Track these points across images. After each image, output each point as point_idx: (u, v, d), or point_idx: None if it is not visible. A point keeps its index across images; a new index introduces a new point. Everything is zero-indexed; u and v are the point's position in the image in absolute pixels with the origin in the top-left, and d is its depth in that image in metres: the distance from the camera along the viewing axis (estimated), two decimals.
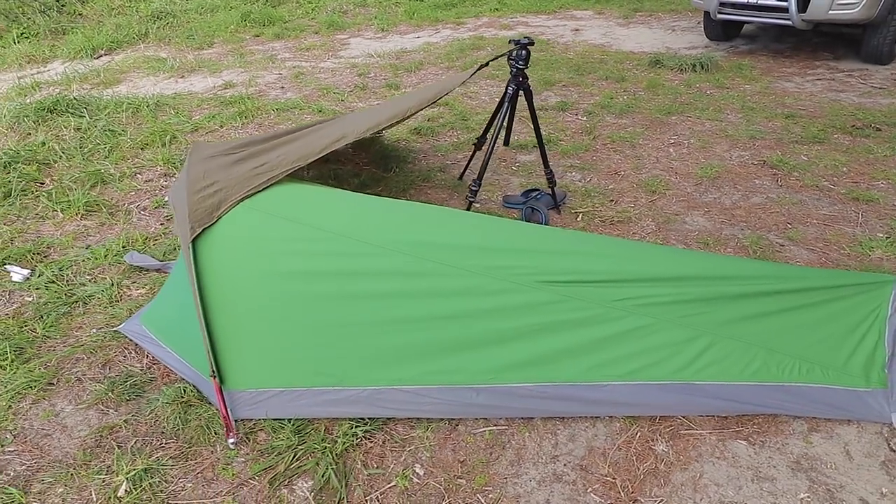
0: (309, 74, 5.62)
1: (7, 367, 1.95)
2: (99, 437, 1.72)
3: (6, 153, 3.44)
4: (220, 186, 1.83)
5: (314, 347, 1.77)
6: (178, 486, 1.59)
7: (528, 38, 2.59)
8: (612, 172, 3.42)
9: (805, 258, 2.53)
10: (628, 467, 1.66)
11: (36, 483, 1.57)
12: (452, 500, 1.57)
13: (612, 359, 1.75)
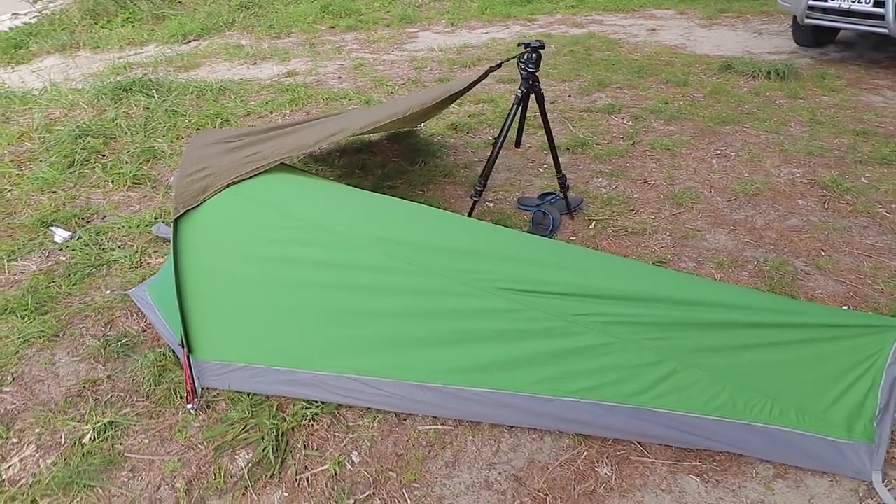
0: (368, 66, 5.77)
1: (26, 316, 2.20)
2: (82, 388, 1.90)
3: (79, 126, 3.82)
4: (210, 172, 1.95)
5: (277, 329, 1.84)
6: (135, 441, 1.73)
7: (539, 40, 2.53)
8: (641, 181, 3.25)
9: (829, 290, 2.29)
10: (564, 486, 1.60)
11: (19, 422, 1.77)
12: (378, 491, 1.60)
13: (565, 374, 1.69)
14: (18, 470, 1.63)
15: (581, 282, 1.74)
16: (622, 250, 2.63)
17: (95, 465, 1.63)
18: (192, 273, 1.86)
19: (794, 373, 1.65)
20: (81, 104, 4.34)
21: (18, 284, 2.40)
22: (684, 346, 1.68)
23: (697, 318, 1.70)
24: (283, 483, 1.61)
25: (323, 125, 2.48)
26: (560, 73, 5.22)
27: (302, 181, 2.10)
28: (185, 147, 2.17)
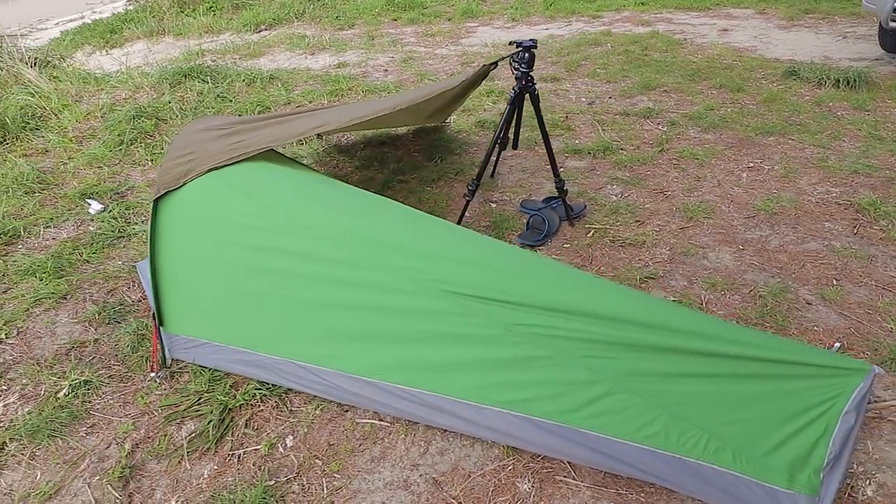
0: (418, 60, 5.84)
1: (44, 278, 2.46)
2: (71, 347, 2.11)
3: (136, 108, 4.17)
4: (194, 156, 2.08)
5: (237, 311, 1.95)
6: (102, 401, 1.90)
7: (533, 40, 2.47)
8: (658, 191, 3.10)
9: (828, 323, 2.10)
10: (481, 496, 1.60)
11: (11, 371, 2.00)
12: (299, 476, 1.66)
13: (498, 383, 1.67)
14: (6, 412, 1.84)
15: (525, 291, 1.71)
16: (613, 262, 2.53)
17: (62, 419, 1.81)
18: (167, 251, 2.00)
19: (738, 409, 1.54)
20: (145, 87, 4.72)
21: (47, 249, 2.68)
22: (622, 367, 1.61)
23: (640, 339, 1.62)
24: (216, 457, 1.72)
25: (309, 118, 2.56)
26: (607, 74, 5.04)
27: (282, 171, 2.19)
28: (179, 132, 2.32)
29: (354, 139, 3.95)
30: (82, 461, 1.70)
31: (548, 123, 3.98)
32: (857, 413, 1.47)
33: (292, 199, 2.00)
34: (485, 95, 4.67)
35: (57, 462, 1.69)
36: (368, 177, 3.41)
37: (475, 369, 1.70)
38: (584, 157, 3.54)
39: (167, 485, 1.64)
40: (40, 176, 3.27)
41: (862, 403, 1.50)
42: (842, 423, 1.48)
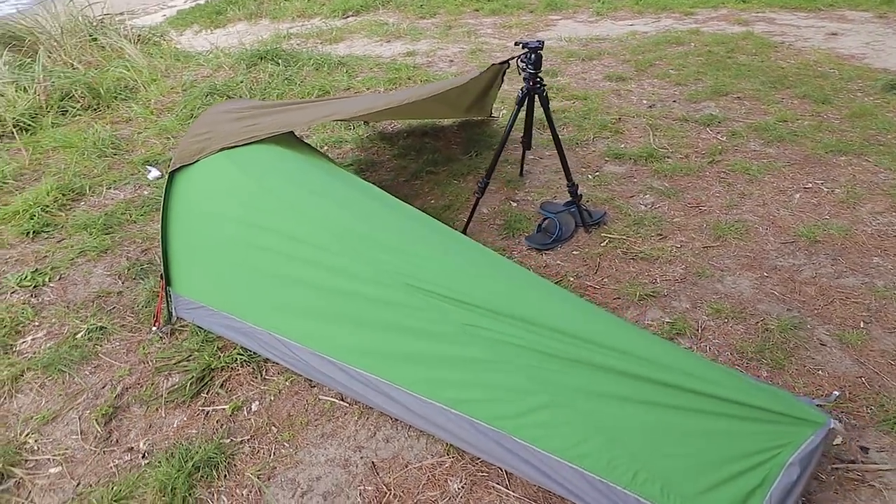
0: (486, 52, 5.82)
1: (93, 233, 2.77)
2: (98, 296, 2.37)
3: (211, 86, 4.52)
4: (211, 136, 2.24)
5: (230, 281, 2.10)
6: (110, 346, 2.13)
7: (540, 41, 2.40)
8: (693, 205, 2.92)
9: (837, 369, 1.89)
10: (411, 487, 1.63)
11: (45, 311, 2.29)
12: (251, 440, 1.78)
13: (443, 380, 1.69)
14: (27, 346, 2.13)
15: (482, 294, 1.70)
16: (619, 274, 2.43)
17: (74, 357, 2.06)
18: (178, 219, 2.19)
19: (676, 442, 1.46)
20: (225, 67, 5.10)
21: (104, 208, 3.02)
22: (564, 382, 1.57)
23: (588, 357, 1.57)
24: (188, 410, 1.88)
25: (327, 105, 2.65)
26: (679, 76, 4.76)
27: (287, 156, 2.29)
28: (203, 112, 2.51)
29: (400, 127, 4.04)
30: (80, 396, 1.93)
31: (597, 125, 3.85)
32: (802, 467, 1.34)
33: (288, 183, 2.11)
34: None
35: (60, 394, 1.94)
36: (402, 165, 3.49)
37: (425, 363, 1.72)
38: (625, 163, 3.39)
39: (141, 427, 1.82)
40: (115, 142, 3.67)
41: (811, 457, 1.36)
42: (783, 475, 1.35)
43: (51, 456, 1.73)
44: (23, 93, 4.12)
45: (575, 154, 3.53)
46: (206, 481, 1.65)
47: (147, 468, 1.68)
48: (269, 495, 1.62)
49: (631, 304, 2.26)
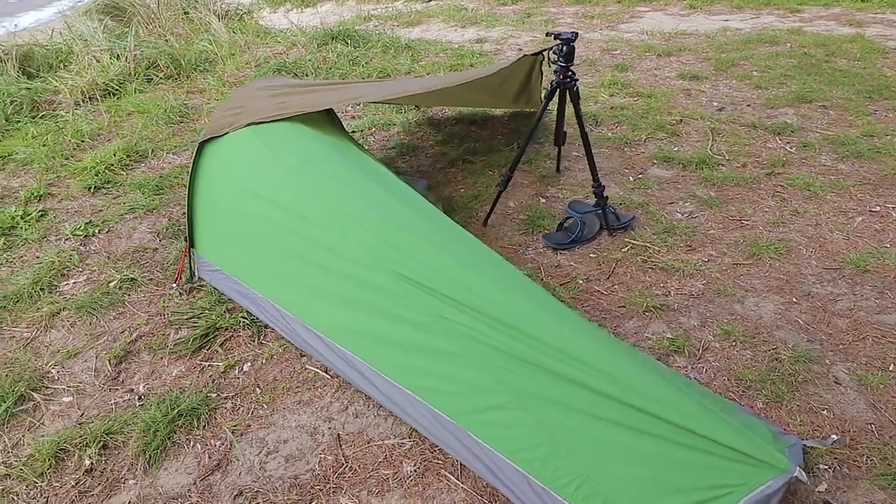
0: None
1: (146, 193, 3.02)
2: (135, 251, 2.60)
3: (280, 63, 4.75)
4: (241, 111, 2.36)
5: (242, 248, 2.22)
6: (136, 297, 2.34)
7: (574, 32, 2.29)
8: (736, 218, 2.71)
9: (846, 411, 1.71)
10: (366, 463, 1.68)
11: (89, 259, 2.54)
12: (234, 397, 1.90)
13: (413, 367, 1.71)
14: (69, 288, 2.38)
15: (461, 289, 1.69)
16: (632, 282, 2.32)
17: (103, 302, 2.29)
18: (203, 186, 2.34)
19: (625, 463, 1.39)
20: (298, 45, 5.32)
21: (160, 171, 3.28)
22: (525, 386, 1.54)
23: (553, 365, 1.52)
24: (188, 363, 2.04)
25: (353, 89, 2.70)
26: (762, 79, 4.39)
27: (310, 136, 2.36)
28: (241, 87, 2.64)
29: (450, 114, 4.05)
30: (101, 337, 2.14)
31: (653, 125, 3.66)
32: None
33: (303, 162, 2.19)
34: (600, 86, 4.40)
35: (86, 334, 2.16)
36: (442, 152, 3.50)
37: (399, 349, 1.75)
38: (673, 167, 3.20)
39: (144, 372, 2.00)
40: (184, 110, 3.96)
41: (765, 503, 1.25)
42: None
43: (66, 387, 1.95)
44: (115, 60, 4.54)
45: (622, 154, 3.38)
46: (186, 429, 1.79)
47: (140, 409, 1.85)
48: (237, 449, 1.73)
49: (635, 314, 2.16)
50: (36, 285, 2.35)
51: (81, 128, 3.61)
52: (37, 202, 2.92)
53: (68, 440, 1.74)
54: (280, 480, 1.64)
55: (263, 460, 1.70)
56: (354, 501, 1.58)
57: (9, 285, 2.36)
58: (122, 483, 1.65)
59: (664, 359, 1.96)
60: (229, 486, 1.63)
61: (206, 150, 2.34)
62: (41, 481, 1.64)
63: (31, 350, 2.08)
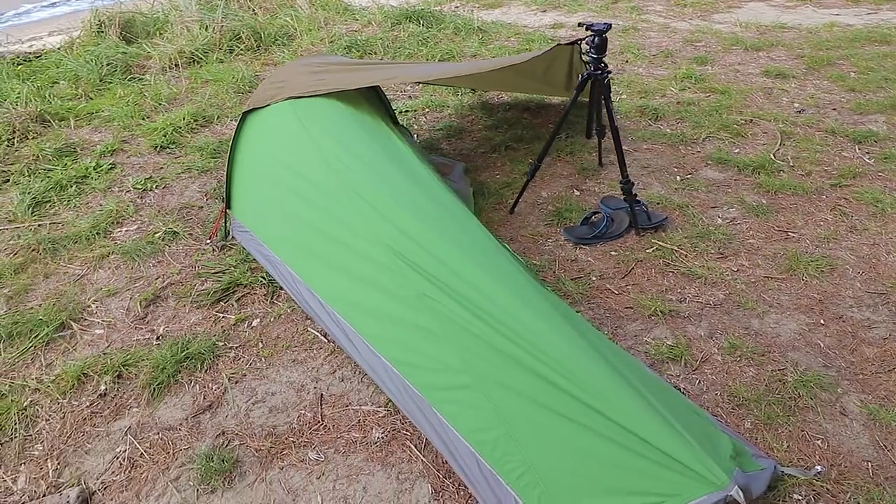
0: (639, 31, 5.39)
1: (204, 155, 3.26)
2: (183, 207, 2.83)
3: (352, 40, 4.90)
4: (283, 85, 2.49)
5: (267, 213, 2.36)
6: (175, 248, 2.56)
7: (607, 23, 2.18)
8: (781, 229, 2.51)
9: (842, 445, 1.56)
10: (341, 424, 1.76)
11: (142, 211, 2.80)
12: (238, 349, 2.05)
13: (393, 339, 1.76)
14: (121, 235, 2.65)
15: (446, 272, 1.71)
16: (648, 284, 2.22)
17: (146, 250, 2.52)
18: (242, 152, 2.50)
19: (570, 458, 1.38)
20: (373, 24, 5.45)
21: (220, 136, 3.52)
22: (490, 373, 1.55)
23: (520, 356, 1.52)
24: (206, 312, 2.21)
25: (395, 69, 2.73)
26: (859, 81, 3.98)
27: (347, 114, 2.41)
28: (287, 63, 2.76)
29: (506, 100, 4.00)
30: (139, 281, 2.38)
31: (718, 124, 3.43)
32: None
33: (328, 136, 2.27)
34: (671, 79, 4.16)
35: (126, 276, 2.40)
36: (488, 137, 3.49)
37: (384, 320, 1.81)
38: (728, 170, 2.99)
39: (168, 316, 2.20)
40: (253, 81, 4.20)
41: None
42: None
43: (100, 320, 2.19)
44: (204, 30, 4.89)
45: (675, 152, 3.20)
46: (190, 371, 1.96)
47: (155, 348, 2.04)
48: (230, 395, 1.87)
49: (640, 316, 2.07)
50: (93, 230, 2.64)
51: (161, 91, 3.94)
52: (109, 156, 3.25)
53: (91, 367, 1.96)
54: (259, 428, 1.77)
55: (250, 408, 1.83)
56: (320, 457, 1.67)
57: (71, 228, 2.66)
58: (126, 410, 1.84)
59: (657, 365, 1.88)
60: (214, 426, 1.77)
61: (249, 119, 2.50)
62: (63, 399, 1.87)
63: (78, 285, 2.35)
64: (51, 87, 4.05)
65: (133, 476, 1.66)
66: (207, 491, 1.60)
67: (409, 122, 3.71)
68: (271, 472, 1.64)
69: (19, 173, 3.04)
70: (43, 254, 2.51)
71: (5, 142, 3.27)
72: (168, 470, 1.66)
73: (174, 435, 1.76)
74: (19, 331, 2.12)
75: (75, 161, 3.17)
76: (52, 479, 1.66)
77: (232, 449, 1.70)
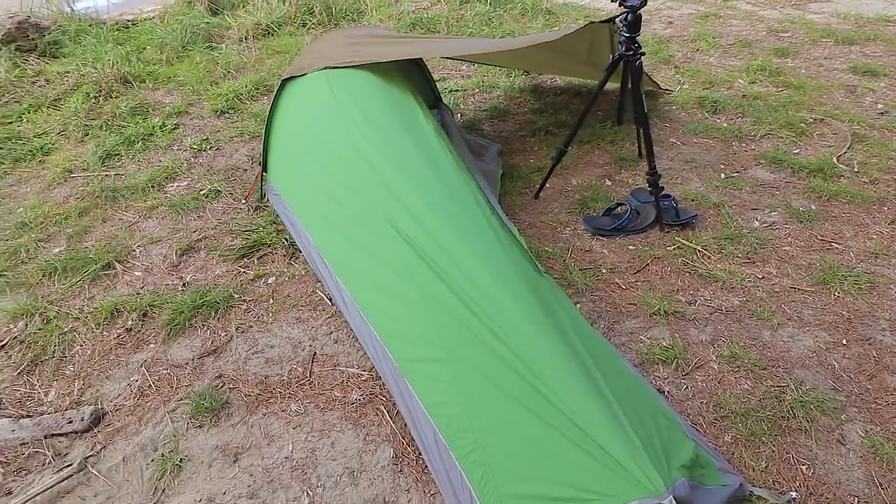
0: (722, 18, 5.04)
1: (256, 122, 3.45)
2: (230, 168, 3.03)
3: (417, 17, 4.94)
4: (321, 55, 2.58)
5: (294, 177, 2.48)
6: (215, 205, 2.76)
7: (643, 1, 2.06)
8: (825, 239, 2.31)
9: (834, 476, 1.45)
10: (326, 382, 1.86)
11: (193, 170, 3.03)
12: (250, 301, 2.19)
13: (379, 306, 1.82)
14: (172, 190, 2.89)
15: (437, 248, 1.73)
16: (660, 283, 2.14)
17: (190, 205, 2.74)
18: (280, 118, 2.62)
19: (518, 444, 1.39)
20: (441, 2, 5.46)
21: None
22: (459, 350, 1.57)
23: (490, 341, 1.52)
24: (229, 266, 2.38)
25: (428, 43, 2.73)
26: None
27: (374, 84, 2.48)
28: (328, 33, 2.84)
29: (559, 84, 3.91)
30: (179, 233, 2.59)
31: (781, 122, 3.18)
32: None
33: (352, 105, 2.33)
34: (742, 71, 3.88)
35: (169, 227, 2.63)
36: (531, 121, 3.43)
37: (374, 287, 1.87)
38: (781, 171, 2.78)
39: (196, 266, 2.40)
40: None
41: None
42: None
43: (141, 264, 2.42)
44: (281, 4, 5.12)
45: (726, 148, 3.01)
46: (203, 317, 2.13)
47: (179, 293, 2.23)
48: (234, 343, 2.03)
49: (642, 314, 2.01)
50: (150, 183, 2.90)
51: (231, 60, 4.20)
52: (175, 117, 3.52)
53: (124, 304, 2.19)
54: (253, 376, 1.90)
55: (249, 357, 1.97)
56: (300, 409, 1.78)
57: (132, 179, 2.93)
58: (145, 345, 2.04)
59: (646, 365, 1.82)
60: (215, 369, 1.93)
61: (287, 86, 2.62)
62: (96, 329, 2.11)
63: (128, 231, 2.60)
64: (139, 52, 4.42)
65: (140, 403, 1.85)
66: (196, 425, 1.75)
67: (457, 101, 3.72)
68: (254, 417, 1.77)
69: (98, 128, 3.37)
70: (105, 201, 2.80)
71: (92, 99, 3.63)
72: (169, 402, 1.84)
73: (180, 372, 1.94)
74: (73, 266, 2.39)
75: (146, 119, 3.47)
76: (76, 396, 1.89)
77: (225, 391, 1.85)
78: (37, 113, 3.55)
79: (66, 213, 2.70)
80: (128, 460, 1.69)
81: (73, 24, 4.53)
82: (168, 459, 1.66)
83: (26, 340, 2.08)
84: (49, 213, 2.71)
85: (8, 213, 2.74)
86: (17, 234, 2.59)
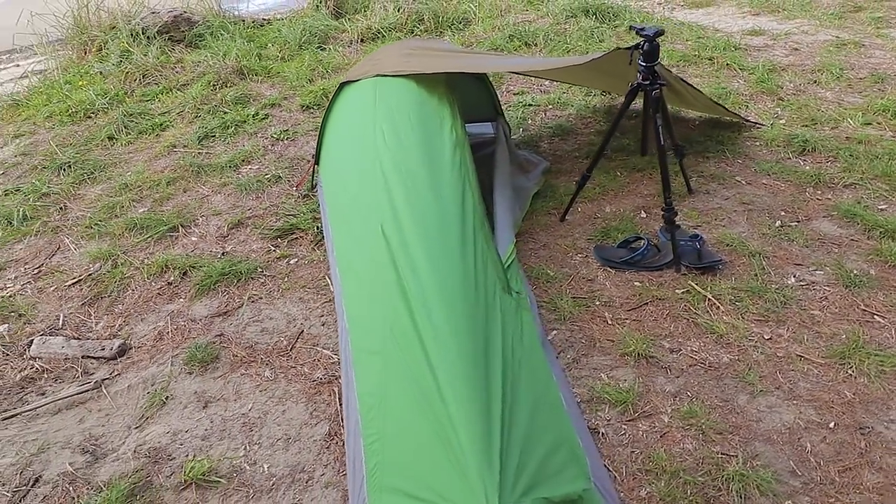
0: (863, 48, 4.45)
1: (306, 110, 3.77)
2: (297, 157, 3.37)
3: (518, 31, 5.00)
4: (376, 64, 2.79)
5: (331, 173, 2.72)
6: (273, 189, 3.10)
7: (660, 28, 1.95)
8: (866, 310, 2.03)
9: None
10: (300, 358, 2.06)
11: (267, 155, 3.41)
12: (271, 277, 2.47)
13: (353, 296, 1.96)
14: (244, 172, 3.29)
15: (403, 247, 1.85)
16: (649, 323, 2.03)
17: (253, 188, 3.10)
18: (333, 118, 2.87)
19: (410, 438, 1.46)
20: (548, 16, 5.45)
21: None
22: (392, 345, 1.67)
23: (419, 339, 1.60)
24: (264, 243, 2.68)
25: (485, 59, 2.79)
26: None
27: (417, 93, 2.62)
28: (390, 43, 3.01)
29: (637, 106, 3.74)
30: (236, 209, 2.96)
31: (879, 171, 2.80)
32: None
33: (386, 113, 2.51)
34: (859, 110, 3.41)
35: (232, 204, 3.01)
36: (591, 142, 3.35)
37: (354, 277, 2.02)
38: (851, 226, 2.47)
39: (239, 240, 2.74)
40: None
41: None
42: None
43: (198, 231, 2.82)
44: (395, 12, 5.47)
45: (798, 194, 2.72)
46: (227, 283, 2.44)
47: (215, 260, 2.58)
48: (243, 309, 2.31)
49: (615, 353, 1.93)
50: (229, 163, 3.33)
51: (333, 61, 4.60)
52: (269, 108, 3.97)
53: (173, 262, 2.58)
54: (246, 340, 2.16)
55: (248, 323, 2.24)
56: (272, 376, 2.00)
57: (217, 159, 3.40)
58: (177, 298, 2.40)
59: (593, 402, 1.76)
60: (217, 329, 2.22)
61: (344, 90, 2.87)
62: (147, 279, 2.51)
63: (199, 203, 3.04)
64: (262, 48, 5.02)
65: (156, 345, 2.19)
66: (186, 371, 2.05)
67: (528, 115, 3.75)
68: (233, 375, 2.02)
69: (206, 111, 3.93)
70: (190, 174, 3.28)
71: (210, 86, 4.23)
72: (176, 348, 2.16)
73: (194, 325, 2.26)
74: (148, 224, 2.85)
75: (244, 108, 3.97)
76: (115, 330, 2.29)
77: (218, 348, 2.13)
78: (168, 95, 4.22)
79: (158, 181, 3.21)
80: (131, 389, 2.02)
81: (217, 20, 5.26)
82: (158, 395, 1.97)
83: (97, 279, 2.55)
84: (147, 179, 3.25)
85: (119, 175, 3.33)
86: (119, 192, 3.15)
